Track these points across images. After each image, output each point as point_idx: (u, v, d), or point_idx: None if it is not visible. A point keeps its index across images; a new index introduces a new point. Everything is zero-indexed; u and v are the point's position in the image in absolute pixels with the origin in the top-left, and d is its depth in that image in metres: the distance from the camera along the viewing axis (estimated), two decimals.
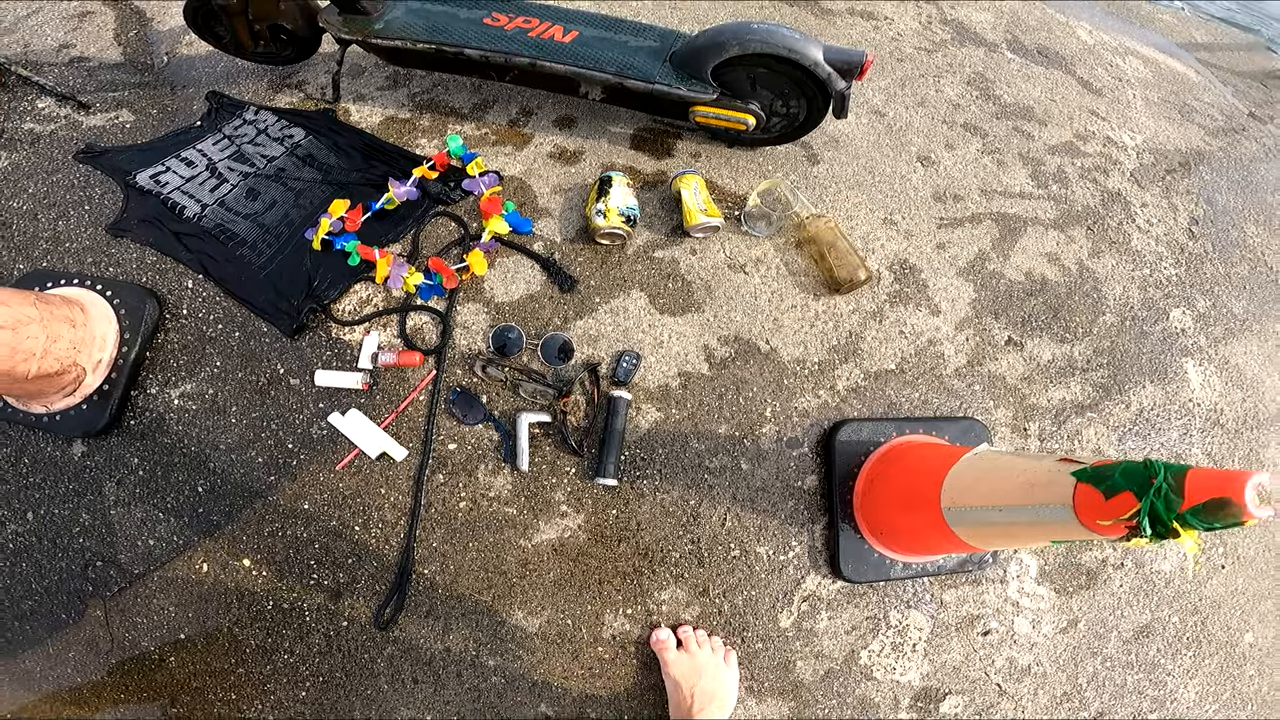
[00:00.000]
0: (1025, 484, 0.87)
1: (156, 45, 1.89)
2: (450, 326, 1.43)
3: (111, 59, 1.87)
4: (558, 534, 1.31)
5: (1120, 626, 1.40)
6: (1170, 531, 0.69)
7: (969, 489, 1.00)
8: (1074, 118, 1.98)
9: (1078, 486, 0.77)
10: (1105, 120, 2.00)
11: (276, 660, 1.30)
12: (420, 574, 1.30)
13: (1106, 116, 2.01)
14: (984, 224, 1.68)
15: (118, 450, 1.40)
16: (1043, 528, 0.85)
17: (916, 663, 1.32)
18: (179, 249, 1.47)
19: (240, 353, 1.43)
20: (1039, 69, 2.10)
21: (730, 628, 1.30)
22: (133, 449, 1.39)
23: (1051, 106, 1.98)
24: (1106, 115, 2.02)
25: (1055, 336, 1.55)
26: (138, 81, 1.80)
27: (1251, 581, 1.50)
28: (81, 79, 1.81)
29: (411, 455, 1.34)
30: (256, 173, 1.58)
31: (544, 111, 1.73)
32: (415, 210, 1.53)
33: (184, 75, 1.82)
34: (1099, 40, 2.31)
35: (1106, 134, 1.96)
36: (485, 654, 1.28)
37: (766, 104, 1.50)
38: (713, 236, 1.55)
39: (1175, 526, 0.68)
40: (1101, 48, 2.27)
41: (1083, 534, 0.79)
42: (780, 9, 2.08)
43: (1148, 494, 0.69)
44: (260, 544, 1.33)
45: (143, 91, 1.79)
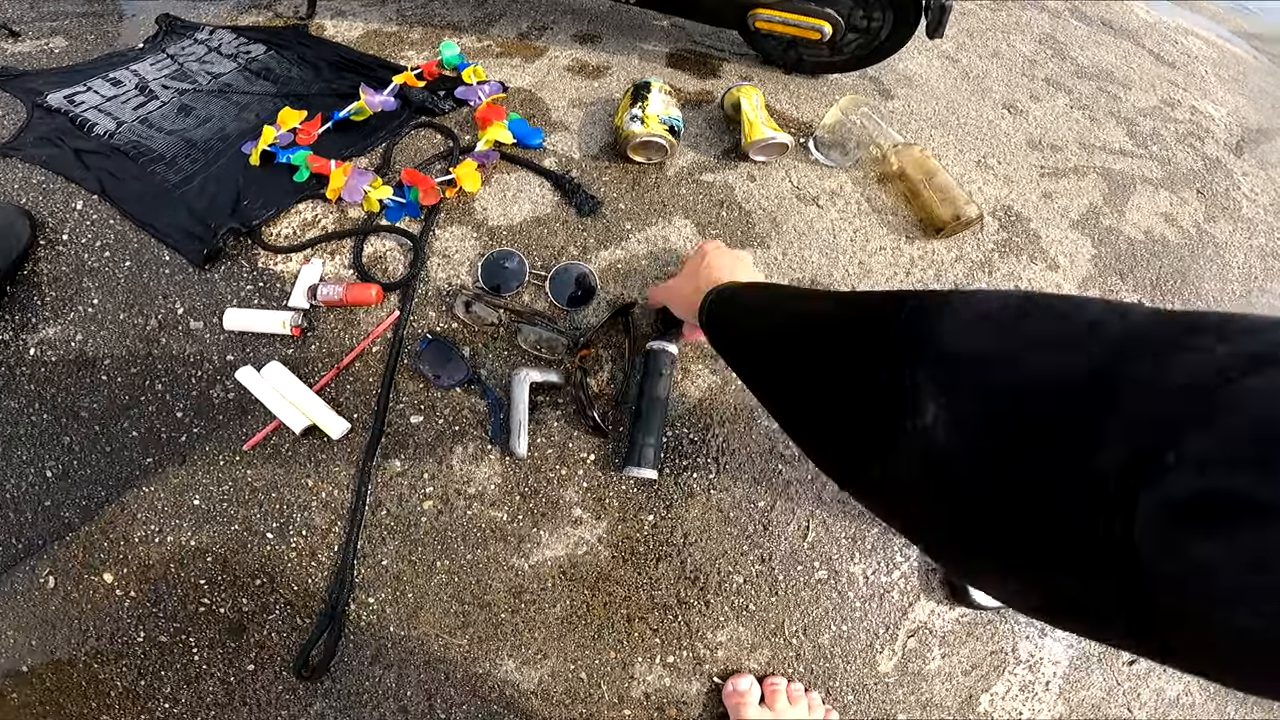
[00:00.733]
0: None
1: None
2: (424, 253, 1.00)
3: None
4: (568, 549, 0.88)
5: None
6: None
7: None
8: (1156, 85, 1.70)
9: None
10: (1186, 90, 1.73)
11: (153, 709, 0.87)
12: (363, 603, 0.86)
13: (1186, 88, 1.74)
14: (1089, 177, 1.35)
15: None
16: None
17: (1049, 703, 0.95)
18: (75, 167, 1.10)
19: (128, 288, 1.00)
20: (1108, 37, 1.84)
21: (812, 675, 0.89)
22: None
23: (1130, 73, 1.72)
24: (1185, 86, 1.75)
25: (1186, 303, 1.24)
26: (81, 11, 1.48)
27: None
28: (23, 9, 1.48)
29: (356, 431, 0.90)
30: (196, 89, 1.22)
31: (561, 26, 1.39)
32: (391, 121, 1.14)
33: (139, 3, 1.49)
34: (1157, 19, 2.08)
35: (1191, 103, 1.68)
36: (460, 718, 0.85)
37: (845, 12, 1.15)
38: (775, 162, 1.17)
39: None
40: (1162, 25, 2.04)
41: None
42: None
43: None
44: (128, 554, 0.89)
45: (83, 20, 1.46)
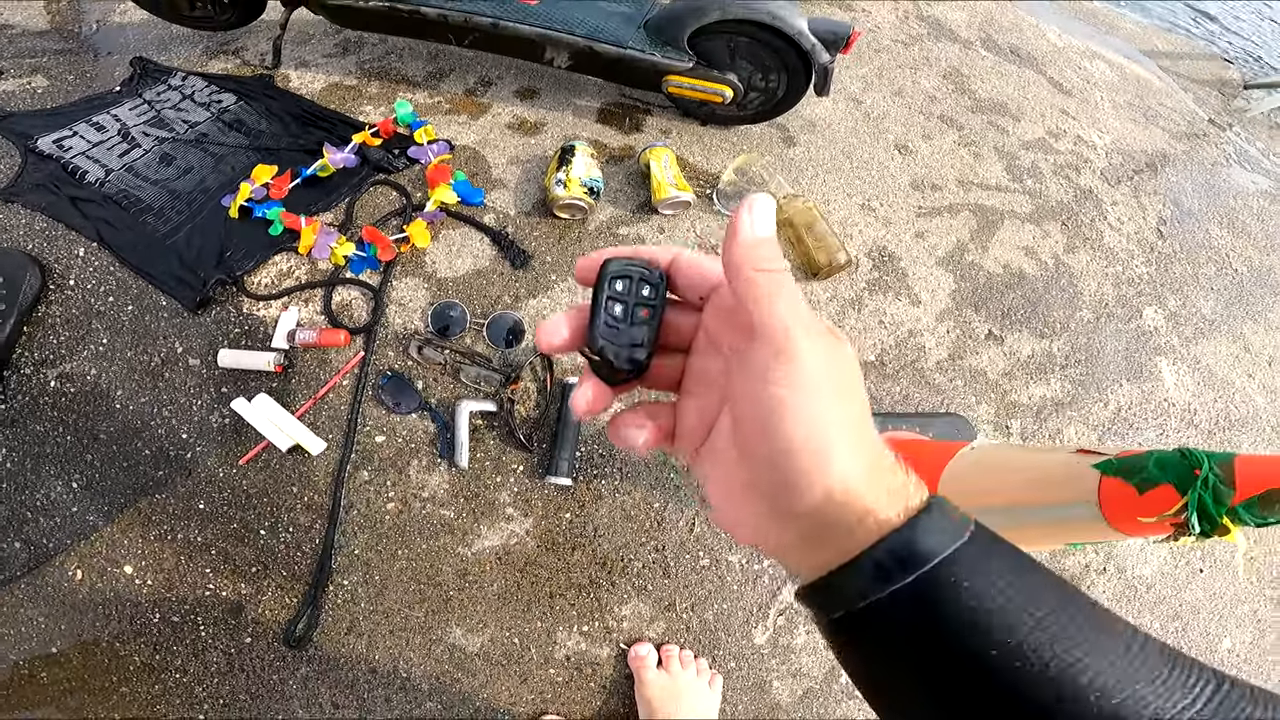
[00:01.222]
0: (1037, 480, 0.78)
1: (88, 14, 1.69)
2: (384, 303, 1.20)
3: (37, 26, 1.66)
4: (502, 540, 1.11)
5: None
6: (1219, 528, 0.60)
7: (969, 488, 0.89)
8: (1046, 115, 1.89)
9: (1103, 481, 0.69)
10: (1075, 119, 1.92)
11: (166, 679, 1.07)
12: (339, 585, 1.08)
13: (1076, 116, 1.93)
14: (962, 214, 1.56)
15: None
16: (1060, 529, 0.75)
17: None
18: (74, 215, 1.25)
19: (132, 329, 1.19)
20: (1011, 67, 2.01)
21: (699, 645, 1.11)
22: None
23: (1024, 103, 1.90)
24: (1076, 115, 1.93)
25: (1035, 331, 1.45)
26: (61, 48, 1.60)
27: (1228, 586, 1.39)
28: (1, 45, 1.60)
29: (331, 449, 1.11)
30: (175, 138, 1.36)
31: (505, 82, 1.55)
32: (352, 178, 1.32)
33: (112, 43, 1.61)
34: (1067, 43, 2.25)
35: (1077, 133, 1.87)
36: (419, 676, 1.07)
37: (745, 77, 1.35)
38: (682, 214, 1.37)
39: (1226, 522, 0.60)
40: (1070, 50, 2.21)
41: (1108, 534, 0.70)
42: None
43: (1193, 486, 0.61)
44: (145, 549, 1.10)
45: (63, 58, 1.57)
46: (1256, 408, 1.55)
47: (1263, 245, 1.87)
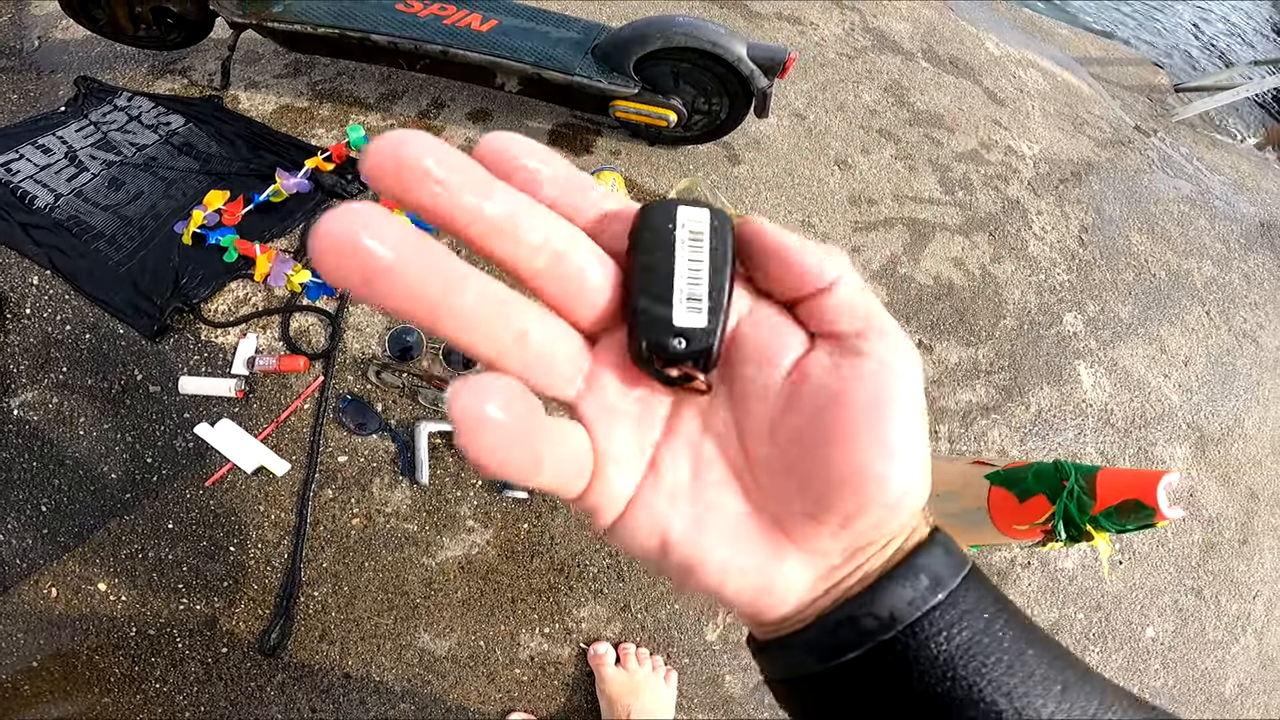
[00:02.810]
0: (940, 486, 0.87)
1: (29, 29, 1.69)
2: (341, 328, 1.28)
3: None
4: (464, 550, 1.20)
5: None
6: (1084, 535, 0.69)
7: None
8: (979, 126, 2.03)
9: (992, 490, 0.78)
10: (1007, 130, 2.07)
11: (147, 689, 1.14)
12: (310, 596, 1.16)
13: (1008, 126, 2.08)
14: (896, 228, 1.69)
15: None
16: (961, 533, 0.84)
17: None
18: (25, 241, 1.29)
19: (91, 357, 1.25)
20: (950, 78, 2.16)
21: (655, 643, 1.22)
22: None
23: (959, 115, 2.04)
24: (1008, 125, 2.09)
25: (961, 340, 1.58)
26: (2, 65, 1.61)
27: (1148, 576, 1.53)
28: None
29: (295, 469, 1.19)
30: (123, 161, 1.41)
31: (457, 104, 1.62)
32: (305, 204, 1.38)
33: (55, 60, 1.63)
34: (1005, 52, 2.40)
35: (1008, 143, 2.02)
36: (391, 679, 1.15)
37: (689, 101, 1.45)
38: None
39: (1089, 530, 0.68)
40: (1006, 59, 2.36)
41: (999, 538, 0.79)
42: (710, 9, 2.04)
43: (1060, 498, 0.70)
44: (118, 566, 1.16)
45: (5, 76, 1.59)
46: (1171, 406, 1.72)
47: (1181, 250, 2.05)
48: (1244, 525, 1.65)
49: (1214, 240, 2.12)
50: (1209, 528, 1.62)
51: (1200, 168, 2.39)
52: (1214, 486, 1.66)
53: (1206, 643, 1.51)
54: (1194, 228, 2.12)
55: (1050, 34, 2.79)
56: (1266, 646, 1.56)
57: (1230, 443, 1.74)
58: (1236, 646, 1.53)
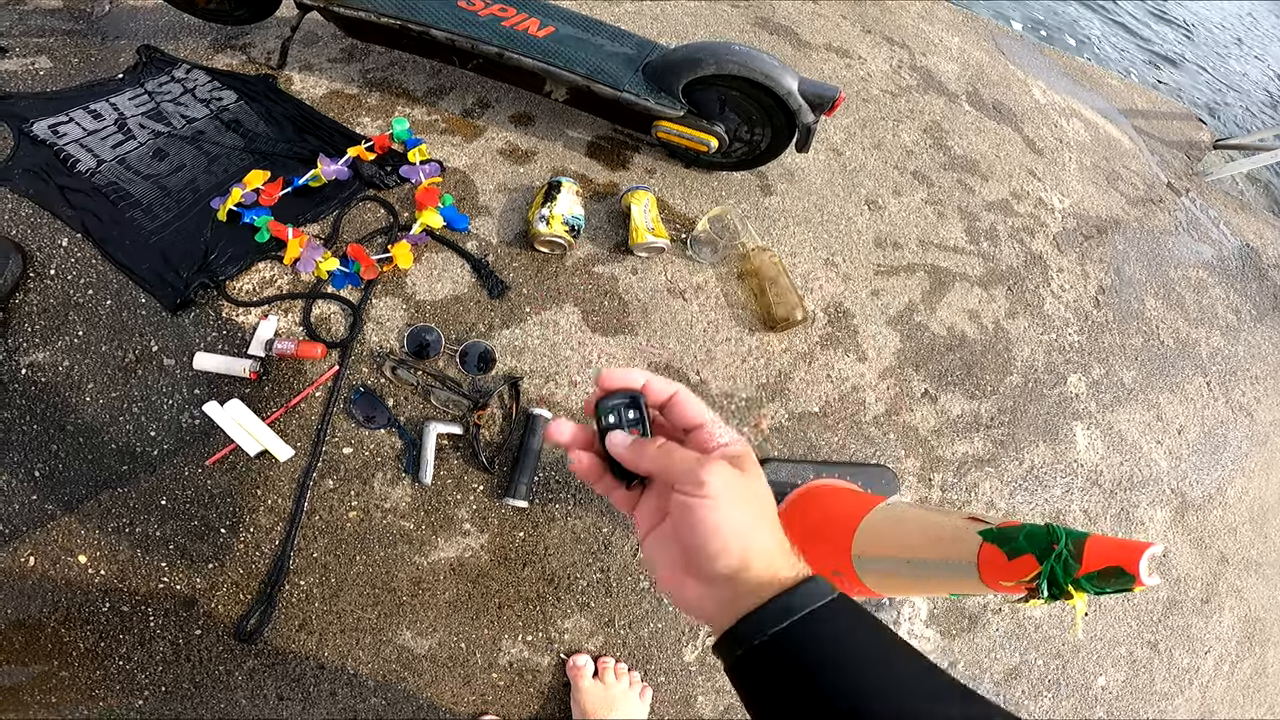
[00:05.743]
0: (934, 539, 0.91)
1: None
2: (362, 320, 1.24)
3: (49, 4, 1.64)
4: (457, 553, 1.17)
5: (993, 669, 1.43)
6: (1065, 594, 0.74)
7: (880, 539, 1.03)
8: (1013, 175, 2.00)
9: (983, 546, 0.81)
10: (1040, 181, 2.04)
11: (109, 666, 1.11)
12: (295, 584, 1.13)
13: (1042, 177, 2.05)
14: (917, 275, 1.65)
15: None
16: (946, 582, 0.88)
17: None
18: (61, 204, 1.26)
19: (109, 324, 1.21)
20: (991, 124, 2.12)
21: (634, 659, 1.21)
22: None
23: (995, 162, 2.00)
24: (1043, 176, 2.06)
25: (966, 392, 1.56)
26: (69, 29, 1.58)
27: (1109, 628, 1.56)
28: (10, 22, 1.58)
29: (299, 456, 1.16)
30: (170, 132, 1.38)
31: (501, 105, 1.58)
32: (342, 191, 1.35)
33: (121, 27, 1.59)
34: (1050, 100, 2.37)
35: (1039, 195, 1.99)
36: (366, 673, 1.13)
37: (731, 128, 1.42)
38: (656, 258, 1.44)
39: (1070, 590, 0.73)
40: (1050, 107, 2.34)
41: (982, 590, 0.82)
42: (760, 36, 1.99)
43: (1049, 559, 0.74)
44: (102, 540, 1.13)
45: (70, 40, 1.56)
46: (1159, 471, 1.71)
47: (1193, 317, 2.01)
48: (1209, 585, 1.67)
49: (1226, 310, 2.09)
50: (1175, 586, 1.63)
51: (1225, 233, 2.33)
52: (1187, 549, 1.67)
53: (1154, 693, 1.53)
54: (1208, 296, 2.08)
55: (1099, 83, 2.72)
56: (1209, 699, 1.59)
57: (1209, 510, 1.75)
58: (1180, 699, 1.56)
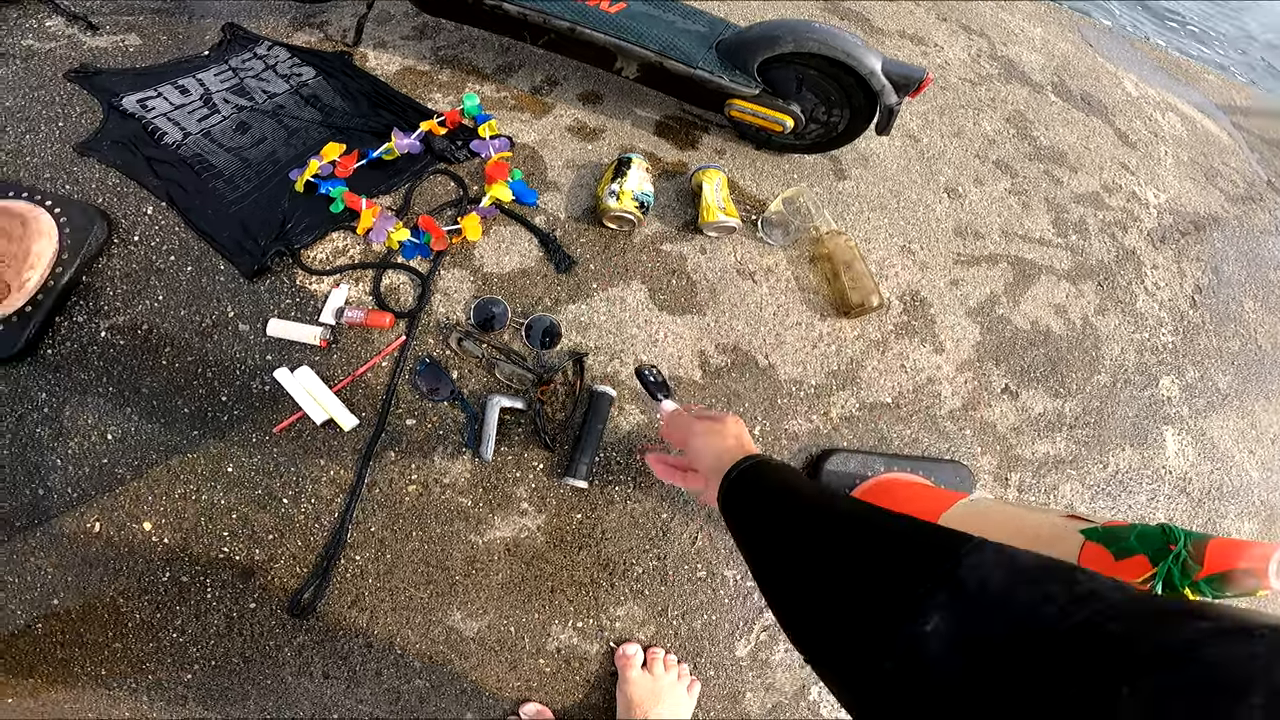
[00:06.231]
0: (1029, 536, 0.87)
1: None
2: (430, 290, 1.24)
3: None
4: (514, 532, 1.16)
5: None
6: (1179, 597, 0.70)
7: None
8: (1104, 168, 1.89)
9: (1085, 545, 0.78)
10: (1134, 174, 1.92)
11: (163, 638, 1.12)
12: (351, 559, 1.13)
13: (1136, 171, 1.93)
14: (1000, 265, 1.57)
15: (25, 382, 1.18)
16: None
17: None
18: (147, 174, 1.30)
19: (189, 289, 1.24)
20: (1079, 114, 2.00)
21: (684, 651, 1.18)
22: (42, 381, 1.18)
23: (1085, 154, 1.89)
24: (1136, 169, 1.94)
25: (1050, 390, 1.48)
26: (157, 7, 1.64)
27: None
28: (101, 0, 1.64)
29: (362, 426, 1.16)
30: (253, 107, 1.42)
31: (570, 83, 1.57)
32: (414, 165, 1.36)
33: (206, 6, 1.65)
34: (1143, 93, 2.24)
35: (1133, 189, 1.88)
36: (413, 654, 1.12)
37: (808, 108, 1.37)
38: (725, 238, 1.40)
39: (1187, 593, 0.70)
40: (1144, 101, 2.21)
41: None
42: (831, 21, 1.93)
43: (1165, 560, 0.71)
44: (168, 507, 1.14)
45: (158, 18, 1.62)
46: (1249, 481, 1.59)
47: None
48: None
49: None
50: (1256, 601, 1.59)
51: None
52: None
53: None
54: None
55: (1197, 78, 2.56)
56: None
57: None
58: None
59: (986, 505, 1.11)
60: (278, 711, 1.12)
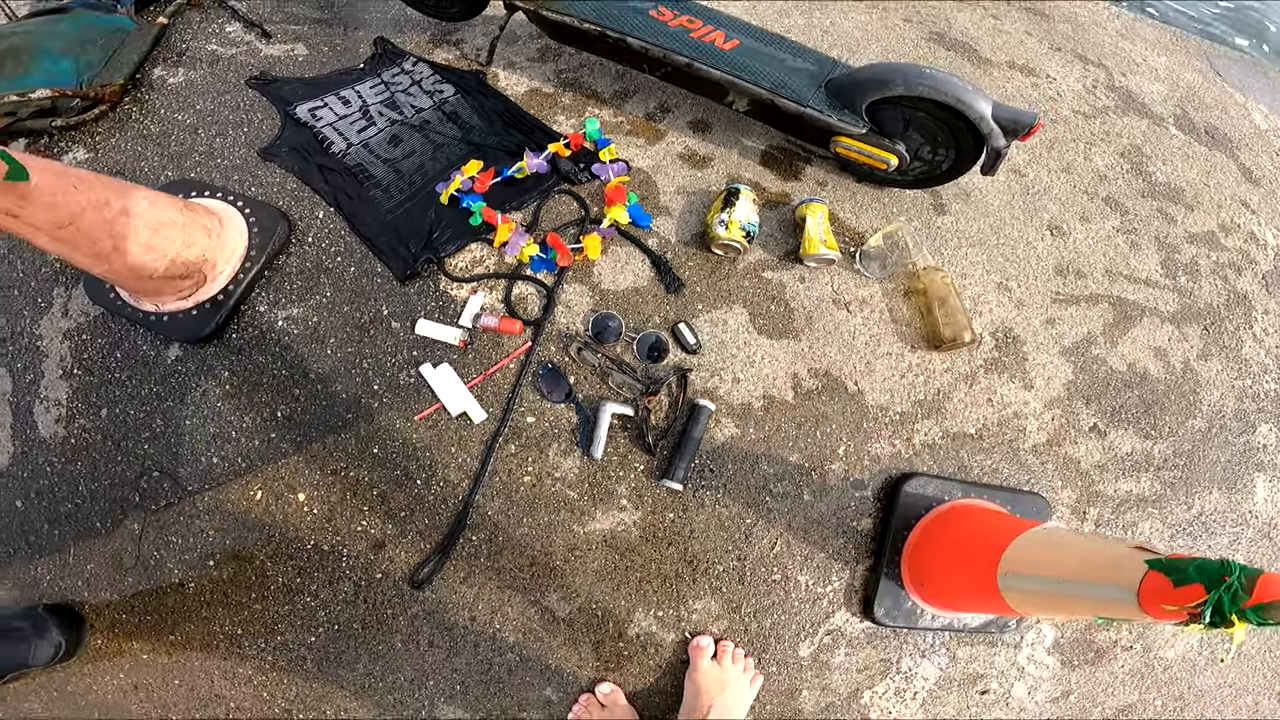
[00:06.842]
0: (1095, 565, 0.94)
1: None
2: (554, 302, 1.38)
3: None
4: (611, 525, 1.28)
5: (1107, 703, 1.42)
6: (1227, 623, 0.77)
7: (1033, 559, 1.06)
8: (1223, 206, 1.84)
9: (1148, 574, 0.85)
10: (1255, 214, 1.86)
11: (297, 602, 1.27)
12: (468, 539, 1.27)
13: (1258, 210, 1.87)
14: (1100, 306, 1.57)
15: (211, 360, 1.36)
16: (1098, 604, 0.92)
17: (913, 710, 1.33)
18: (319, 180, 1.47)
19: (351, 288, 1.40)
20: (1201, 149, 1.95)
21: (752, 647, 1.27)
22: (226, 361, 1.36)
23: (1203, 191, 1.84)
24: (1258, 209, 1.87)
25: (1140, 432, 1.49)
26: (317, 17, 1.83)
27: (1241, 676, 1.51)
28: (270, 8, 1.85)
29: (489, 420, 1.30)
30: (403, 121, 1.57)
31: (680, 111, 1.67)
32: (541, 184, 1.49)
33: (358, 17, 1.83)
34: (1273, 125, 2.15)
35: (1251, 228, 1.82)
36: (509, 629, 1.25)
37: (913, 148, 1.42)
38: (824, 269, 1.47)
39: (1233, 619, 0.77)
40: (1273, 133, 2.12)
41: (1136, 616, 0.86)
42: (935, 51, 1.96)
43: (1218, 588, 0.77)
44: (321, 481, 1.30)
45: (319, 28, 1.81)
46: None
47: None
48: None
49: None
50: None
51: None
52: None
53: None
54: None
55: None
56: None
57: None
58: None
59: (1059, 534, 1.17)
60: (381, 676, 1.27)
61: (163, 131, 1.60)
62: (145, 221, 1.16)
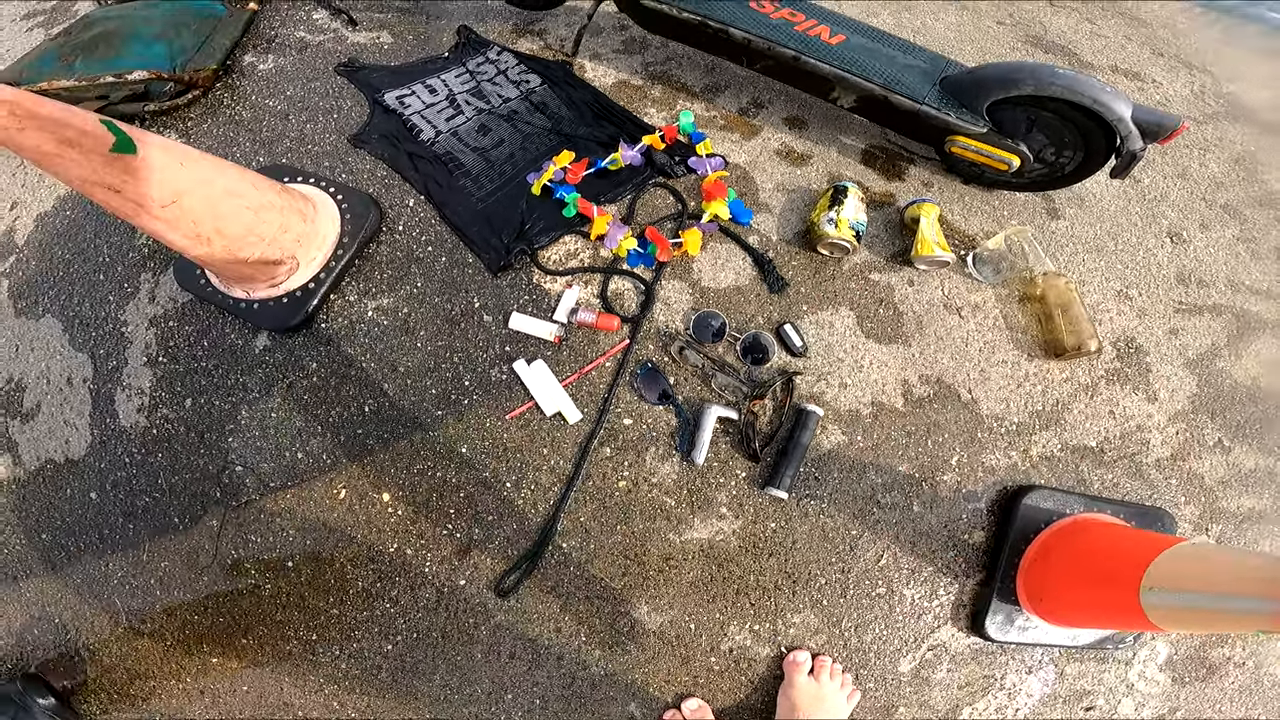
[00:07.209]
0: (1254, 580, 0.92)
1: None
2: (653, 299, 1.32)
3: None
4: (709, 535, 1.21)
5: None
6: None
7: (1184, 575, 1.02)
8: None
9: None
10: None
11: (376, 608, 1.22)
12: (557, 546, 1.21)
13: None
14: (1224, 317, 1.50)
15: (299, 351, 1.33)
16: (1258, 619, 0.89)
17: None
18: (409, 168, 1.45)
19: (442, 279, 1.36)
20: None
21: (850, 662, 1.21)
22: (314, 353, 1.33)
23: None
24: None
25: (1265, 449, 1.43)
26: (401, 5, 1.82)
27: None
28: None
29: (584, 421, 1.25)
30: (490, 110, 1.55)
31: (775, 106, 1.62)
32: (636, 176, 1.44)
33: (440, 6, 1.81)
34: None
35: None
36: (595, 642, 1.19)
37: (1036, 149, 1.36)
38: (935, 272, 1.41)
39: None
40: None
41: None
42: (1033, 54, 1.91)
43: None
44: (406, 480, 1.25)
45: (403, 17, 1.80)
46: None
47: None
48: None
49: None
50: None
51: None
52: None
53: None
54: None
55: None
56: None
57: None
58: None
59: (1208, 549, 1.12)
60: (458, 688, 1.21)
61: (254, 117, 1.59)
62: (248, 203, 1.13)
